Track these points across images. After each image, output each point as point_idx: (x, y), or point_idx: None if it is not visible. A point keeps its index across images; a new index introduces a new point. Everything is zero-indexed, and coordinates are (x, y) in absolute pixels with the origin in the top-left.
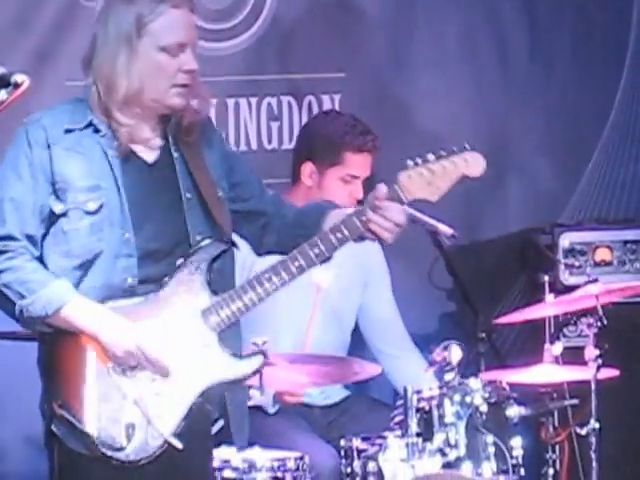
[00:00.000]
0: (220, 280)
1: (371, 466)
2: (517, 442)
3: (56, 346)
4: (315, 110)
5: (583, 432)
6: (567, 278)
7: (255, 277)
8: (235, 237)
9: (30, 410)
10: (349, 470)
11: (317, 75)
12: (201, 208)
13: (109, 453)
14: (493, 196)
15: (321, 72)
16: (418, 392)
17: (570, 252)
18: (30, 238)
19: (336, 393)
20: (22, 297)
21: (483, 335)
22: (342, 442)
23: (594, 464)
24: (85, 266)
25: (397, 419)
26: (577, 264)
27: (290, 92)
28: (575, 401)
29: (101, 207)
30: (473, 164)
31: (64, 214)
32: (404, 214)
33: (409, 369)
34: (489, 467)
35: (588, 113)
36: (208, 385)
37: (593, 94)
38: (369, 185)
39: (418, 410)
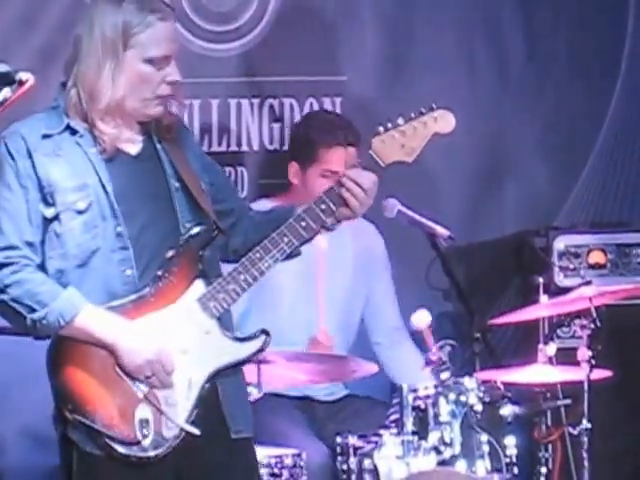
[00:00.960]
0: (209, 268)
1: (367, 463)
2: (511, 441)
3: (61, 351)
4: None
5: (576, 432)
6: (561, 280)
7: (247, 258)
8: None
9: (29, 404)
10: (345, 467)
11: (319, 78)
12: (187, 197)
13: (126, 451)
14: (489, 198)
15: (323, 75)
16: (414, 391)
17: (564, 255)
18: (30, 245)
19: (338, 390)
20: (33, 310)
21: (478, 335)
22: (338, 439)
23: (586, 463)
24: (84, 265)
25: (393, 417)
26: (571, 266)
27: (292, 94)
28: (568, 401)
29: (90, 204)
30: (442, 121)
31: (56, 217)
32: (373, 181)
33: (402, 360)
34: (483, 465)
35: (584, 117)
36: (214, 370)
37: (589, 98)
38: None
39: (414, 408)
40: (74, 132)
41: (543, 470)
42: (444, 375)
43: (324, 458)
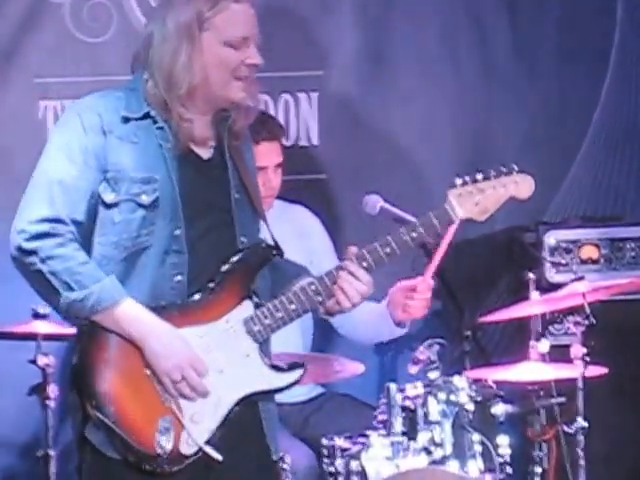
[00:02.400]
0: (259, 291)
1: (354, 465)
2: (504, 440)
3: (89, 345)
4: (291, 108)
5: (571, 430)
6: (553, 276)
7: (301, 288)
8: None
9: None
10: (331, 469)
11: (294, 73)
12: (249, 211)
13: (142, 458)
14: None
15: (299, 70)
16: (402, 390)
17: (556, 250)
18: (77, 224)
19: (306, 390)
20: (70, 289)
21: (468, 333)
22: (324, 441)
23: (582, 462)
24: (131, 259)
25: (380, 417)
26: (563, 262)
27: (266, 90)
28: (562, 399)
29: (156, 200)
30: (523, 186)
31: (115, 204)
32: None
33: (355, 317)
34: (475, 465)
35: (573, 111)
36: (246, 395)
37: (577, 92)
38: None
39: (402, 408)
40: (154, 122)
41: (538, 469)
42: (433, 374)
43: (310, 460)
